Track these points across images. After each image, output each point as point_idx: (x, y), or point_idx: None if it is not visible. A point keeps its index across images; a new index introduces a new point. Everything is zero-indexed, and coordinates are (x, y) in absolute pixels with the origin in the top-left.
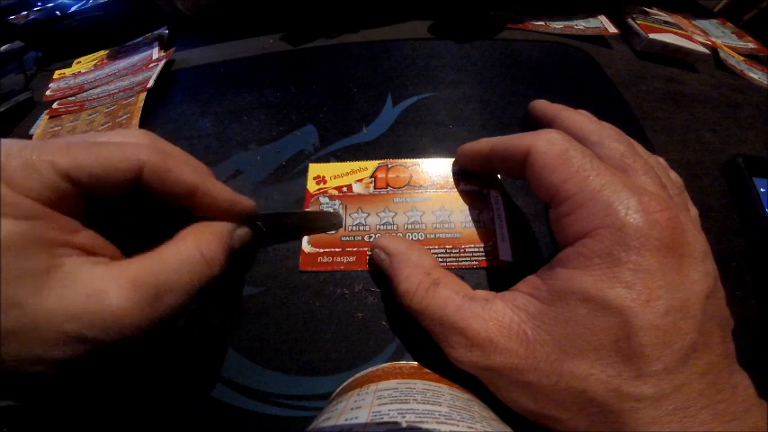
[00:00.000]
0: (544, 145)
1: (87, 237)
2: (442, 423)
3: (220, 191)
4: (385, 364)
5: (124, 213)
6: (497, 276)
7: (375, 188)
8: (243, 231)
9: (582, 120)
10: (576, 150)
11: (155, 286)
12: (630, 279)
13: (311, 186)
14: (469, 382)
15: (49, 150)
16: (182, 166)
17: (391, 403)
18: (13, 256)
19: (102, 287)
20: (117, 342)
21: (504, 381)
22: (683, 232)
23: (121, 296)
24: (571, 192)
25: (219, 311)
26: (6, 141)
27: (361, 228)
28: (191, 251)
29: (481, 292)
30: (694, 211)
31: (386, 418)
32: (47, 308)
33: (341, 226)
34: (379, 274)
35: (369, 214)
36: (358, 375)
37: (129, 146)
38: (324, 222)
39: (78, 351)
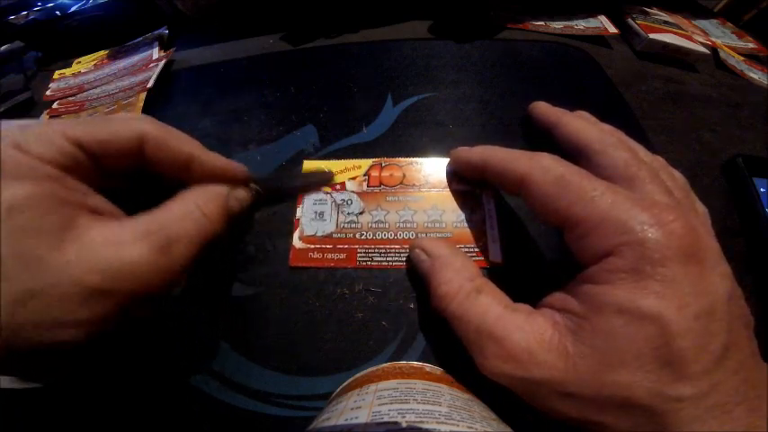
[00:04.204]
0: (539, 174)
1: (98, 200)
2: (442, 423)
3: (215, 158)
4: (385, 364)
5: (129, 188)
6: (487, 277)
7: (368, 186)
8: (239, 193)
9: (583, 126)
10: (572, 174)
11: (165, 236)
12: (660, 290)
13: None
14: (469, 382)
15: (59, 123)
16: (179, 137)
17: (391, 403)
18: (31, 214)
19: (117, 239)
20: (137, 296)
21: (544, 392)
22: (698, 238)
23: (136, 245)
24: (581, 215)
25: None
26: (20, 120)
27: (353, 225)
28: (190, 207)
29: (522, 306)
30: (702, 210)
31: (386, 418)
32: (66, 261)
33: (332, 180)
34: (380, 274)
35: (361, 212)
36: (358, 375)
37: (131, 119)
38: (315, 179)
39: (101, 309)
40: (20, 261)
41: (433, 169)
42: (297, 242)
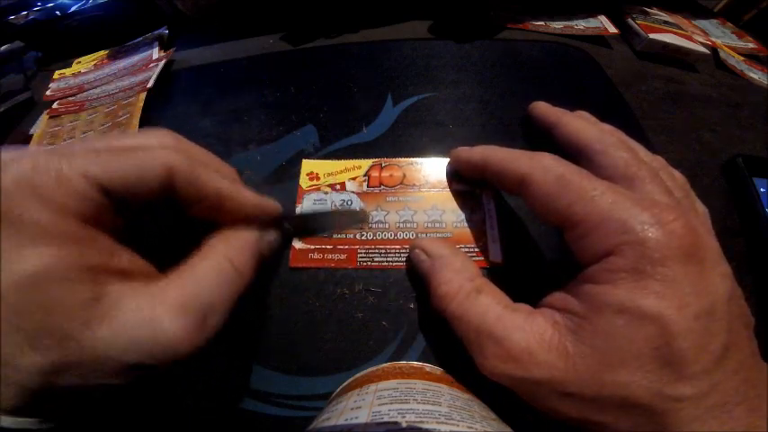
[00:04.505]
0: (539, 174)
1: (125, 258)
2: (442, 423)
3: (247, 196)
4: (385, 364)
5: (150, 222)
6: (487, 277)
7: (368, 186)
8: (271, 236)
9: (584, 126)
10: (572, 174)
11: (201, 309)
12: (660, 289)
13: (304, 182)
14: (469, 382)
15: (78, 159)
16: (209, 172)
17: (391, 403)
18: (57, 287)
19: (152, 315)
20: (171, 365)
21: (544, 392)
22: (698, 237)
23: (173, 323)
24: (581, 214)
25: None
26: (31, 151)
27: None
28: (223, 264)
29: (522, 306)
30: (702, 210)
31: (386, 418)
32: (101, 339)
33: (367, 222)
34: (380, 274)
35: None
36: (358, 375)
37: (157, 150)
38: (350, 219)
39: (135, 377)
40: (50, 336)
41: (432, 169)
42: (297, 243)
